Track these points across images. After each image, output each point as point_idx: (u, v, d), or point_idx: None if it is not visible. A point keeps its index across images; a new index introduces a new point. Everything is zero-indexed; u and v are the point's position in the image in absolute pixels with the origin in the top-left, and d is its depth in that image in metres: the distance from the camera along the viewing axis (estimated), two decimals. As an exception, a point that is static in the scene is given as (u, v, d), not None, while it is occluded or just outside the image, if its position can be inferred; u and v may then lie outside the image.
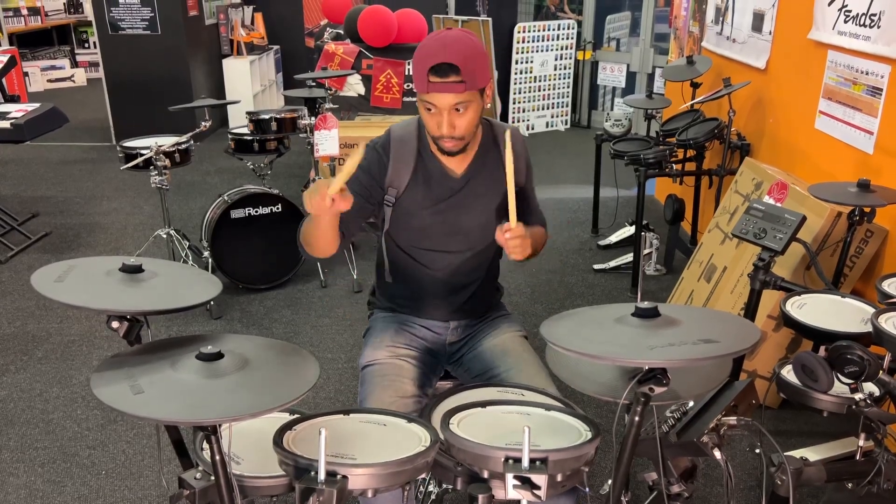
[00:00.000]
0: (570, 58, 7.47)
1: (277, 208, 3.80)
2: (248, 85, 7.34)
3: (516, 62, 7.21)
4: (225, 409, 1.19)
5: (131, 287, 1.49)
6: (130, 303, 1.46)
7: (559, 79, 7.50)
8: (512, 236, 1.68)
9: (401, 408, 1.73)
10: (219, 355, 1.29)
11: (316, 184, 1.58)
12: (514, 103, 7.31)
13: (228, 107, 7.21)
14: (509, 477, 1.24)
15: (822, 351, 1.67)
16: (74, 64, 10.47)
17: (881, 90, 2.65)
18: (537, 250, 1.95)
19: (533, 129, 7.50)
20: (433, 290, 1.97)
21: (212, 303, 3.57)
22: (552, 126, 7.63)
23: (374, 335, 1.98)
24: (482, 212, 1.93)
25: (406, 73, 5.50)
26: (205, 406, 1.19)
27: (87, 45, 10.63)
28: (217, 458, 1.27)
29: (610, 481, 1.59)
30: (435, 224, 1.90)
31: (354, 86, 5.52)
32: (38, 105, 4.61)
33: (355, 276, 3.97)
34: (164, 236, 3.76)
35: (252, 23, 8.00)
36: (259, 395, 1.23)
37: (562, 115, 7.65)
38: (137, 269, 1.52)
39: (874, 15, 2.68)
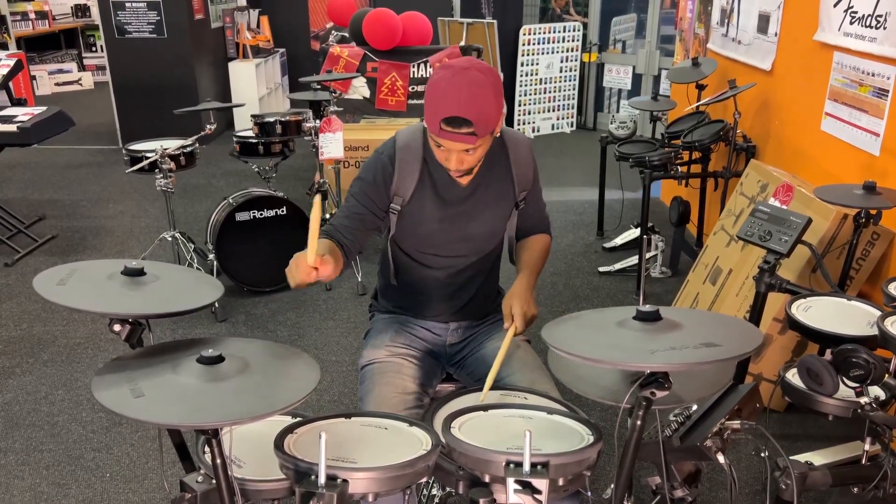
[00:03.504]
0: (576, 60, 7.47)
1: (282, 211, 3.81)
2: (254, 88, 7.36)
3: (522, 64, 7.21)
4: (226, 412, 1.18)
5: (133, 290, 1.49)
6: (131, 306, 1.46)
7: (565, 81, 7.50)
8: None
9: (402, 404, 1.73)
10: (220, 359, 1.29)
11: (294, 259, 1.55)
12: (519, 105, 7.31)
13: (234, 110, 7.25)
14: (510, 481, 1.23)
15: (827, 354, 1.66)
16: (81, 67, 10.53)
17: (887, 92, 2.64)
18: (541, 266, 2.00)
19: (538, 131, 7.50)
20: (434, 291, 1.97)
21: (216, 305, 3.58)
22: (558, 128, 7.63)
23: (373, 336, 1.98)
24: (489, 219, 1.93)
25: (411, 76, 5.50)
26: (206, 409, 1.19)
27: (94, 48, 10.69)
28: (218, 461, 1.27)
29: (613, 486, 1.58)
30: (441, 231, 1.90)
31: (359, 88, 5.52)
32: (44, 108, 4.63)
33: (360, 279, 3.97)
34: (170, 239, 3.77)
35: (258, 26, 8.03)
36: (260, 399, 1.23)
37: (567, 118, 7.65)
38: (139, 273, 1.52)
39: (880, 16, 2.67)
